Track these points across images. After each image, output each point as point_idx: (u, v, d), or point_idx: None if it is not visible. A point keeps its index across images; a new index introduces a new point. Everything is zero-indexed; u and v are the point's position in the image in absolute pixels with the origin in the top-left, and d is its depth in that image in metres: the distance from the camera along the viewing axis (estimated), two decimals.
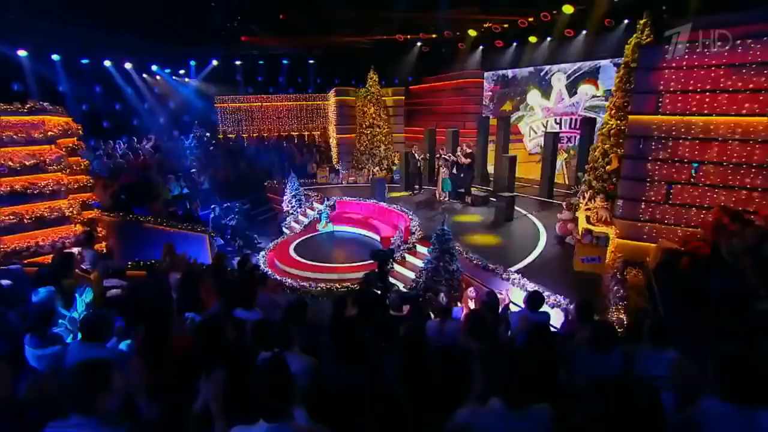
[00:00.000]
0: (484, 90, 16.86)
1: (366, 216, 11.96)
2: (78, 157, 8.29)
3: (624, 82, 8.07)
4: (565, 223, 9.05)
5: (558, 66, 14.13)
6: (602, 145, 8.56)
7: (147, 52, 14.43)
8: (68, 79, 12.97)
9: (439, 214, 10.93)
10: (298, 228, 12.59)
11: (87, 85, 13.85)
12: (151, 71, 16.06)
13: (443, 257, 7.40)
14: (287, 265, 9.88)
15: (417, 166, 13.40)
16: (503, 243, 8.92)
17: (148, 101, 16.28)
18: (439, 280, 7.44)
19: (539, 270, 7.38)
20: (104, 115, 14.62)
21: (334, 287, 8.94)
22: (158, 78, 16.43)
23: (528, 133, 15.56)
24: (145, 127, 16.13)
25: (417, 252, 9.17)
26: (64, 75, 12.85)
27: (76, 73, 13.26)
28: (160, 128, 16.60)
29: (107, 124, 14.52)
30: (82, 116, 13.84)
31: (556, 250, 8.40)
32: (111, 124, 14.64)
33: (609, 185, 8.31)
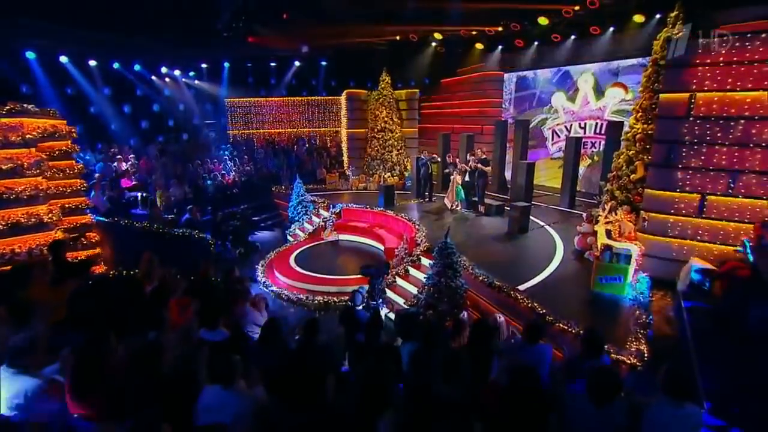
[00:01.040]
0: (503, 92, 16.32)
1: (372, 225, 11.59)
2: (72, 160, 8.26)
3: (652, 82, 7.45)
4: (584, 236, 8.42)
5: (585, 67, 13.47)
6: (627, 152, 7.94)
7: (157, 53, 14.59)
8: (77, 81, 13.21)
9: (448, 224, 10.46)
10: (302, 236, 12.34)
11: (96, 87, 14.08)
12: (161, 73, 16.24)
13: (445, 272, 6.94)
14: (285, 276, 9.60)
15: (428, 173, 12.95)
16: (515, 257, 8.36)
17: (158, 103, 16.50)
18: (441, 297, 6.99)
19: (551, 289, 6.81)
20: (112, 117, 14.84)
21: (331, 300, 8.60)
22: (168, 80, 16.61)
23: (550, 136, 14.93)
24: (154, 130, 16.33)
25: (421, 265, 8.73)
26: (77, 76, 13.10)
27: (86, 75, 13.49)
28: (169, 131, 16.77)
29: (116, 127, 14.71)
30: (91, 119, 14.15)
31: (572, 266, 7.79)
32: (118, 127, 14.84)
33: (634, 196, 7.68)
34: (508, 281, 6.89)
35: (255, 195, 14.87)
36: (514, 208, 9.73)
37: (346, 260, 10.40)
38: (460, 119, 17.28)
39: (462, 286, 7.02)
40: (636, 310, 5.84)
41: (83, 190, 8.37)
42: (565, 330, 5.48)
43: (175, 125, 17.36)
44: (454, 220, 10.94)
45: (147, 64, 15.31)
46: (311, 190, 14.84)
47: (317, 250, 11.25)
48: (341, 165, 17.55)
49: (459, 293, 6.98)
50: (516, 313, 6.36)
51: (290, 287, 9.22)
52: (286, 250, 11.26)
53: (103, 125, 14.42)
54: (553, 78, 14.46)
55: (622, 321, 5.83)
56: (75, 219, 8.31)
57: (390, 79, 15.79)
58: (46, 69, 12.46)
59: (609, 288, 6.50)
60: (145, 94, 15.98)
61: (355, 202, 12.86)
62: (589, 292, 6.64)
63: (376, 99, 15.81)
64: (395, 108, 16.08)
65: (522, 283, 6.99)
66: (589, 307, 6.36)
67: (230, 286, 5.99)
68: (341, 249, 11.32)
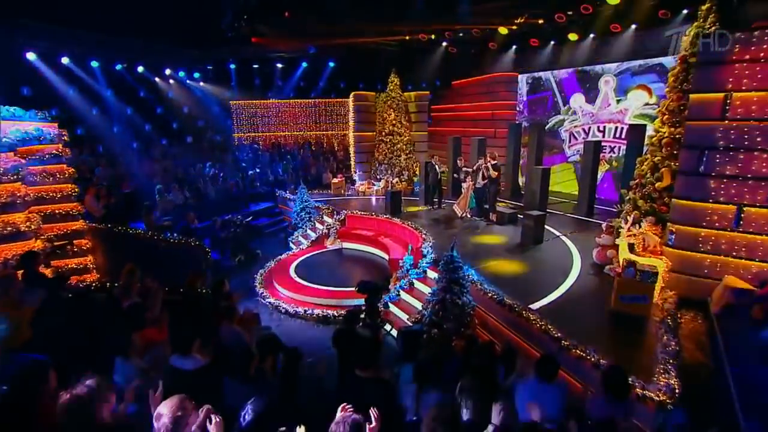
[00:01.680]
0: (518, 94, 15.79)
1: (377, 233, 11.15)
2: (63, 164, 8.02)
3: (680, 81, 6.87)
4: (604, 249, 7.85)
5: (606, 66, 12.87)
6: (651, 158, 7.35)
7: (159, 54, 14.46)
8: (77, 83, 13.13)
9: (456, 234, 9.97)
10: (305, 243, 11.98)
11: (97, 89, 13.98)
12: (165, 75, 16.12)
13: (451, 288, 6.45)
14: (284, 287, 9.22)
15: (437, 178, 12.44)
16: (529, 271, 7.82)
17: (162, 106, 16.38)
18: (447, 315, 6.49)
19: (568, 308, 6.27)
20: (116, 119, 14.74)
21: (331, 315, 8.18)
22: (171, 82, 16.48)
23: (567, 138, 14.35)
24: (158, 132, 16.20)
25: (427, 278, 8.26)
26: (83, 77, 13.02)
27: (88, 76, 13.40)
28: (172, 134, 16.64)
29: (118, 129, 14.59)
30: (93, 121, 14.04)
31: (591, 282, 7.23)
32: (120, 129, 14.72)
33: (659, 206, 7.09)
34: (520, 298, 6.37)
35: (259, 200, 14.58)
36: (527, 217, 9.19)
37: (348, 271, 9.98)
38: (471, 122, 16.82)
39: (469, 303, 6.53)
40: (664, 335, 5.27)
41: (74, 195, 8.12)
42: (582, 357, 4.95)
43: (179, 128, 17.22)
44: (464, 229, 10.43)
45: (150, 65, 15.18)
46: (316, 196, 14.51)
47: (319, 260, 10.86)
48: (348, 169, 17.19)
49: (466, 311, 6.48)
50: (528, 335, 5.86)
51: (288, 299, 8.83)
52: (286, 259, 10.90)
53: (106, 127, 14.29)
54: (571, 79, 13.88)
55: (647, 347, 5.27)
56: (65, 225, 8.05)
57: (399, 81, 15.36)
58: (47, 71, 12.37)
59: (632, 308, 5.93)
60: (148, 97, 15.86)
61: (361, 209, 12.44)
62: (610, 312, 6.08)
63: (384, 101, 15.40)
64: (404, 110, 15.64)
65: (535, 300, 6.47)
66: (610, 330, 5.80)
67: (217, 301, 5.60)
68: (344, 258, 10.91)
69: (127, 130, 14.80)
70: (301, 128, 19.00)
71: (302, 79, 19.04)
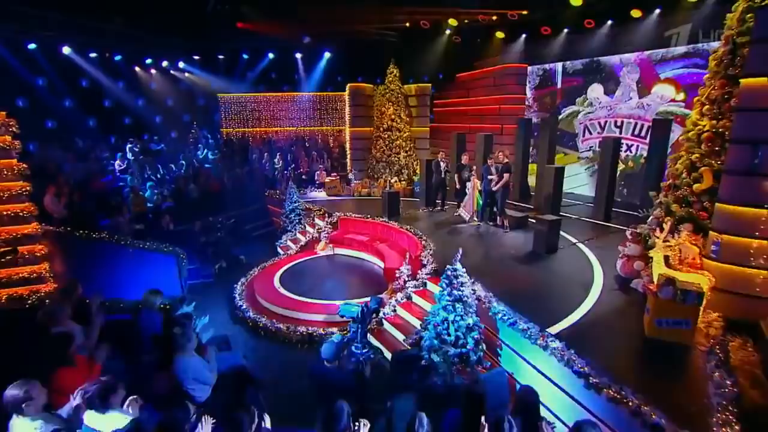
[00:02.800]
0: (527, 87, 14.93)
1: (372, 238, 10.29)
2: (12, 159, 7.19)
3: (724, 66, 5.98)
4: (630, 260, 6.97)
5: (624, 57, 11.99)
6: (687, 155, 6.47)
7: (139, 42, 13.58)
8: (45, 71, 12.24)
9: (461, 241, 9.10)
10: (293, 249, 11.13)
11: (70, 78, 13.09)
12: (145, 64, 15.25)
13: (454, 307, 5.59)
14: (266, 298, 8.36)
15: (441, 178, 11.54)
16: (543, 284, 6.94)
17: (142, 98, 15.51)
18: (449, 339, 5.62)
19: (592, 333, 5.40)
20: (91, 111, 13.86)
21: (316, 332, 7.31)
22: (154, 72, 15.63)
23: (581, 132, 13.47)
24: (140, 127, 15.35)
25: (427, 291, 7.40)
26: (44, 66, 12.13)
27: (57, 64, 12.51)
28: (156, 128, 15.78)
29: (93, 123, 13.73)
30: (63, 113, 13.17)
31: (616, 300, 6.35)
32: (98, 122, 13.85)
33: (698, 211, 6.21)
34: (536, 318, 5.51)
35: (246, 200, 13.74)
36: (540, 222, 8.32)
37: (339, 281, 9.13)
38: (477, 117, 15.95)
39: (476, 325, 5.66)
40: (715, 371, 4.40)
41: (25, 193, 7.27)
42: (616, 399, 4.08)
43: (162, 122, 16.36)
44: (469, 235, 9.55)
45: (129, 54, 14.29)
46: (308, 196, 13.67)
47: (307, 267, 10.02)
48: (344, 167, 16.34)
49: (471, 335, 5.61)
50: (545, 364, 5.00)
51: (270, 314, 7.96)
52: (272, 266, 10.05)
53: (80, 121, 13.43)
54: (586, 70, 13.00)
55: (696, 387, 4.40)
56: (14, 229, 7.21)
57: (399, 72, 14.50)
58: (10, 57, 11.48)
59: (672, 335, 5.06)
60: (128, 88, 14.99)
61: (356, 210, 11.58)
62: (644, 339, 5.21)
63: (382, 94, 14.55)
64: (404, 104, 14.79)
65: (553, 323, 5.59)
66: (646, 363, 4.93)
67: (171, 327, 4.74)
68: (335, 266, 10.05)
69: (103, 123, 13.93)
70: (294, 123, 18.14)
71: (296, 70, 18.17)
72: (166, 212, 10.27)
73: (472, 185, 10.03)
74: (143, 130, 15.45)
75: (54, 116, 12.62)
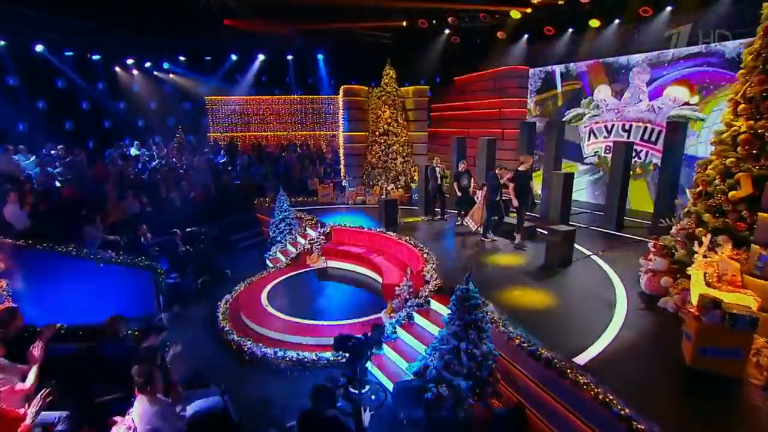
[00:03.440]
0: (528, 90, 14.41)
1: (368, 250, 9.58)
2: None
3: (763, 60, 5.41)
4: (656, 275, 6.33)
5: (631, 58, 11.50)
6: (721, 160, 5.88)
7: (119, 41, 12.83)
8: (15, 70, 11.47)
9: (470, 256, 8.45)
10: (283, 261, 10.38)
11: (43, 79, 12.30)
12: (126, 64, 14.50)
13: (466, 333, 4.89)
14: (253, 320, 7.59)
15: (438, 185, 10.86)
16: (561, 303, 6.26)
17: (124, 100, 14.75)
18: (461, 370, 4.92)
19: (624, 364, 4.72)
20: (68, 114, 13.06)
21: (307, 359, 6.56)
22: (136, 73, 14.88)
23: (586, 136, 12.93)
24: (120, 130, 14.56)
25: (430, 310, 6.70)
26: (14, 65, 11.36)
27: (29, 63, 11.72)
28: (139, 132, 15.01)
29: (70, 126, 12.93)
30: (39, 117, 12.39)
31: (646, 322, 5.70)
32: (75, 125, 13.06)
33: (735, 222, 5.59)
34: (557, 344, 4.85)
35: (233, 209, 12.97)
36: (553, 233, 7.67)
37: (332, 298, 8.43)
38: (476, 122, 15.39)
39: (491, 352, 4.97)
40: None
41: None
42: None
43: (145, 126, 15.59)
44: (474, 247, 8.89)
45: (109, 54, 13.53)
46: (300, 204, 12.95)
47: (298, 282, 9.28)
48: (338, 174, 15.65)
49: (485, 364, 4.91)
50: (575, 403, 4.30)
51: (256, 336, 7.19)
52: (259, 281, 9.30)
53: (56, 122, 12.63)
54: (591, 72, 12.50)
55: (757, 429, 3.73)
56: None
57: (395, 74, 13.89)
58: None
59: (719, 365, 4.40)
60: (108, 89, 14.21)
61: (351, 220, 10.88)
62: (687, 370, 4.54)
63: (378, 97, 13.92)
64: (401, 108, 14.16)
65: (578, 350, 4.92)
66: (694, 401, 4.25)
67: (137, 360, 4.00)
68: (328, 281, 9.33)
69: (81, 126, 13.12)
70: (286, 128, 17.45)
71: (287, 73, 17.52)
72: (143, 222, 9.47)
73: (482, 195, 9.27)
74: (125, 134, 14.65)
75: (25, 119, 11.81)
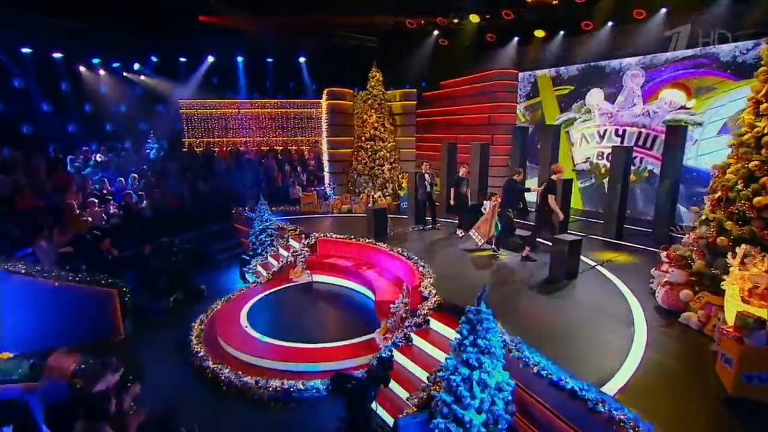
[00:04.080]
0: (518, 95, 14.10)
1: (357, 263, 8.92)
2: None
3: None
4: (673, 288, 5.88)
5: (625, 62, 11.28)
6: (743, 163, 5.49)
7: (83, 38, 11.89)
8: None
9: (464, 264, 7.89)
10: (264, 275, 9.64)
11: None
12: (92, 64, 13.53)
13: (479, 362, 4.28)
14: (231, 344, 6.82)
15: (428, 192, 10.24)
16: (575, 321, 5.72)
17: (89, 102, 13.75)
18: (472, 404, 4.30)
19: (658, 393, 4.21)
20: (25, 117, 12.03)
21: (294, 388, 5.85)
22: (103, 73, 13.93)
23: (579, 142, 12.64)
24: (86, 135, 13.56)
25: (431, 331, 6.09)
26: None
27: None
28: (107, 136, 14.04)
29: (28, 130, 11.90)
30: None
31: (669, 341, 5.21)
32: (33, 129, 12.03)
33: (762, 230, 5.18)
34: (579, 370, 4.30)
35: (209, 219, 12.15)
36: (558, 243, 7.18)
37: (321, 317, 7.74)
38: (464, 128, 14.98)
39: (506, 381, 4.38)
40: None
41: None
42: None
43: (114, 131, 14.61)
44: (472, 260, 8.31)
45: (71, 52, 12.55)
46: (282, 213, 12.21)
47: (281, 299, 8.56)
48: (321, 181, 14.98)
49: (501, 396, 4.32)
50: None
51: (235, 362, 6.44)
52: (238, 298, 8.53)
53: (12, 126, 11.59)
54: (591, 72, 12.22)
55: None
56: None
57: (382, 77, 13.36)
58: None
59: (766, 393, 3.92)
60: (74, 90, 13.21)
61: (337, 230, 10.22)
62: (728, 399, 4.05)
63: (363, 100, 13.35)
64: (388, 112, 13.62)
65: (604, 376, 4.38)
66: None
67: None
68: (315, 297, 8.64)
69: (41, 130, 12.10)
70: (265, 133, 16.71)
71: (267, 76, 16.81)
72: (106, 235, 8.60)
73: (490, 205, 8.53)
74: (91, 138, 13.66)
75: None
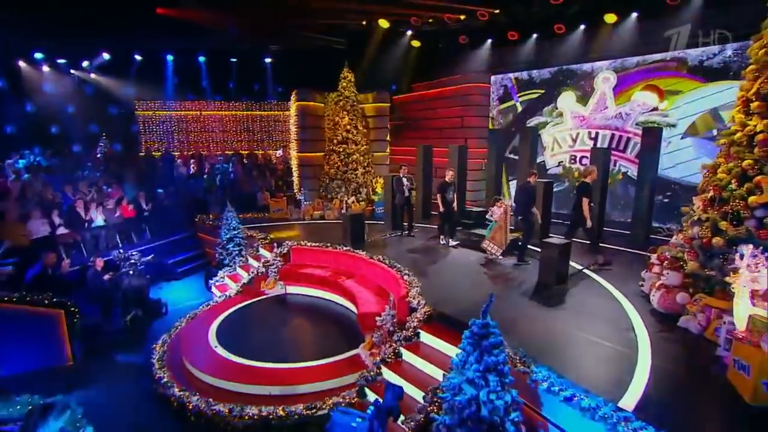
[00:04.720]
0: (491, 98, 14.03)
1: (335, 272, 8.39)
2: None
3: None
4: (669, 292, 5.75)
5: (597, 65, 11.39)
6: (735, 162, 5.42)
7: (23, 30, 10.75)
8: None
9: (450, 271, 7.54)
10: (233, 288, 8.93)
11: None
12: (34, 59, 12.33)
13: (486, 380, 3.89)
14: (198, 367, 6.13)
15: (406, 197, 9.87)
16: (575, 330, 5.44)
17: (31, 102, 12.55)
18: (479, 427, 3.90)
19: (675, 405, 3.96)
20: None
21: (273, 414, 5.25)
22: (47, 70, 12.75)
23: (551, 146, 12.65)
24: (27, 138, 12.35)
25: (421, 344, 5.66)
26: None
27: None
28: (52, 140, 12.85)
29: None
30: None
31: (673, 347, 5.01)
32: None
33: (757, 230, 5.10)
34: (589, 383, 4.00)
35: (170, 228, 11.28)
36: (548, 248, 6.95)
37: (299, 332, 7.15)
38: (437, 131, 14.75)
39: (515, 401, 4.00)
40: None
41: None
42: None
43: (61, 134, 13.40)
44: (456, 266, 7.99)
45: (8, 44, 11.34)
46: (249, 221, 11.51)
47: (254, 314, 7.89)
48: (290, 187, 14.33)
49: (510, 417, 3.94)
50: None
51: (204, 388, 5.76)
52: (205, 315, 7.79)
53: None
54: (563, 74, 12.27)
55: None
56: None
57: (354, 78, 12.95)
58: None
59: None
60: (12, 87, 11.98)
61: (310, 238, 9.65)
62: (747, 408, 3.84)
63: (335, 102, 12.88)
64: (360, 114, 13.20)
65: (617, 390, 4.09)
66: None
67: None
68: (290, 311, 8.04)
69: None
70: (229, 137, 15.90)
71: (230, 78, 16.02)
72: (52, 248, 7.69)
73: (501, 213, 8.12)
74: (33, 141, 12.43)
75: None
